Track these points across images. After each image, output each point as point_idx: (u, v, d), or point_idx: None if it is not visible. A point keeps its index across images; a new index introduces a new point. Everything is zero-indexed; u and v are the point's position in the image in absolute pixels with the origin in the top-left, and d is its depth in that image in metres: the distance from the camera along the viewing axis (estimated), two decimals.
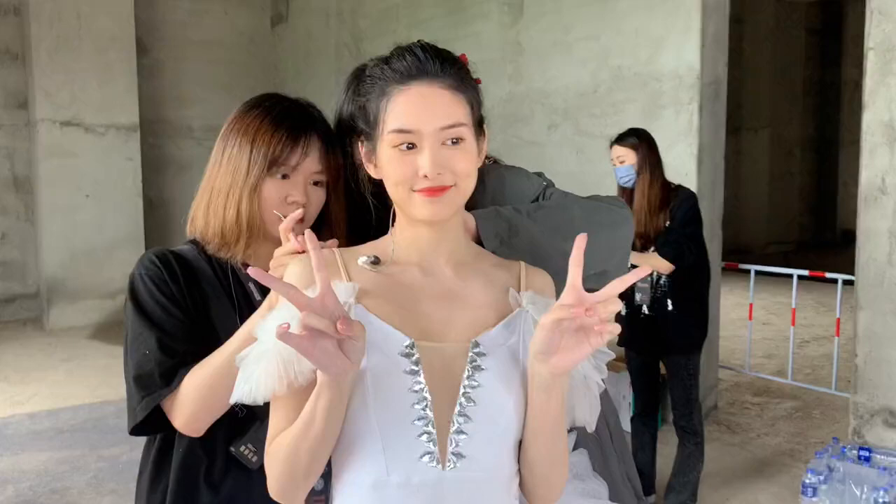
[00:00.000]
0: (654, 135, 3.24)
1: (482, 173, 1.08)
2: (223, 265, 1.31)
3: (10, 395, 5.20)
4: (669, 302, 3.19)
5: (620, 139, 3.23)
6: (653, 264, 3.10)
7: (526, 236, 1.25)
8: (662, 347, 3.28)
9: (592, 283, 1.31)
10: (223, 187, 1.26)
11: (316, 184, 1.28)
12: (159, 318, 1.23)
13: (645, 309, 3.25)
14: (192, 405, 1.19)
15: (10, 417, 4.75)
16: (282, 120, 1.26)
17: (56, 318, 7.34)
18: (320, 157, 1.28)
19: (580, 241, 0.93)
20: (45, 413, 4.81)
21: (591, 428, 1.08)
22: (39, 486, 3.71)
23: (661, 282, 3.20)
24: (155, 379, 1.20)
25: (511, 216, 1.27)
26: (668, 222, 3.15)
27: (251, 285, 1.29)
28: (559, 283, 1.27)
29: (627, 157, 3.18)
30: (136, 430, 1.24)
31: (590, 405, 1.06)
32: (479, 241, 1.24)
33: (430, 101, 0.99)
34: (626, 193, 3.24)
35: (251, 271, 0.87)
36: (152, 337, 1.22)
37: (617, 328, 0.89)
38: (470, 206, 1.23)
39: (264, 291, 1.25)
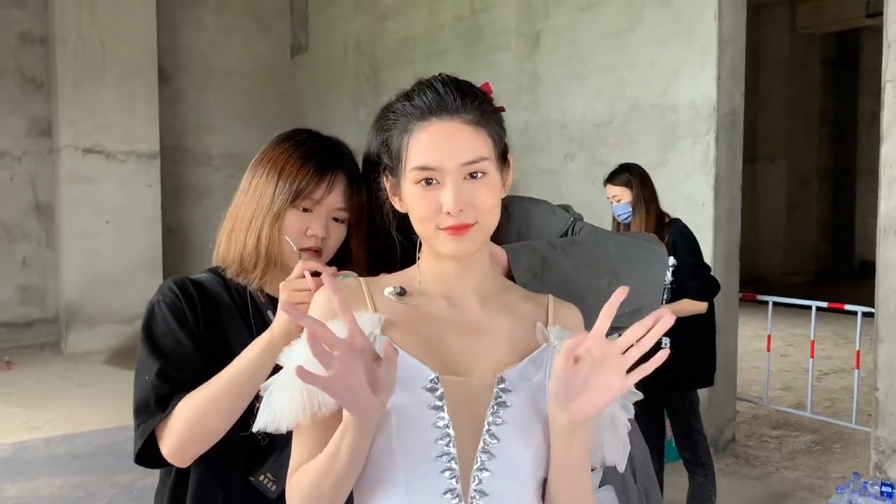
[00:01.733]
0: (670, 165, 3.24)
1: (506, 204, 1.09)
2: (242, 293, 1.32)
3: (26, 420, 5.22)
4: (666, 339, 3.16)
5: (613, 177, 3.25)
6: (687, 309, 3.11)
7: (558, 272, 1.25)
8: (656, 383, 3.21)
9: (625, 321, 1.31)
10: (247, 215, 1.29)
11: (337, 220, 1.30)
12: (166, 346, 1.25)
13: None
14: (179, 432, 1.19)
15: (27, 442, 4.76)
16: (311, 154, 1.29)
17: (74, 342, 7.39)
18: (344, 194, 1.29)
19: (620, 294, 0.94)
20: (61, 438, 4.82)
21: (621, 468, 1.06)
22: None
23: None
24: (150, 405, 1.21)
25: (545, 251, 1.26)
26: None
27: (269, 313, 1.30)
28: (591, 321, 1.27)
29: (622, 195, 3.20)
30: (139, 460, 1.25)
31: (620, 444, 1.05)
32: (510, 276, 1.23)
33: (451, 136, 1.00)
34: (624, 229, 3.23)
35: (284, 307, 0.89)
36: (155, 365, 1.23)
37: (640, 375, 0.89)
38: (494, 237, 1.23)
39: None
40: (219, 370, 1.22)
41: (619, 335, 0.93)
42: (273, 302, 1.29)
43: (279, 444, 1.22)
